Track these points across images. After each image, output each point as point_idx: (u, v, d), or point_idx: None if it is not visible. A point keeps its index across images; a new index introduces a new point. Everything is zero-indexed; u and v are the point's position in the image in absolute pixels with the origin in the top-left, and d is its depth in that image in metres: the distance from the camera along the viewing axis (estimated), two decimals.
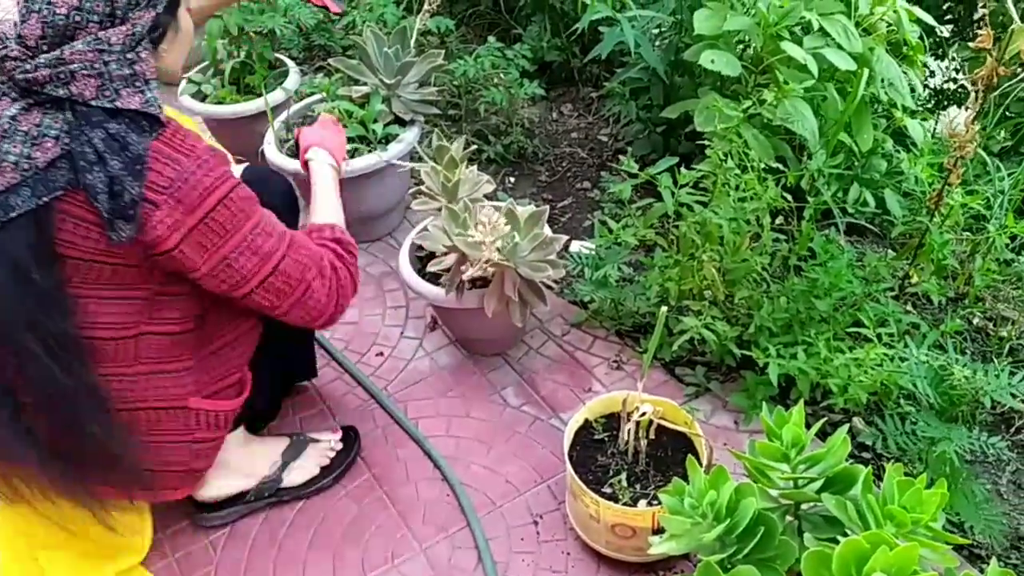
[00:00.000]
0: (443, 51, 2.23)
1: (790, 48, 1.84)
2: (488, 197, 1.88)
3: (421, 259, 1.96)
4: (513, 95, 2.48)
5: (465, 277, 1.58)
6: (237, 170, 1.69)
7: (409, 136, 2.18)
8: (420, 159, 1.92)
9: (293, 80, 2.50)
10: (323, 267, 1.46)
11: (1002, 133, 2.34)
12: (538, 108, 2.86)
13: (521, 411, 1.86)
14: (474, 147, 1.99)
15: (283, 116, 2.30)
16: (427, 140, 2.19)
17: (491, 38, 2.56)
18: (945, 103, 2.58)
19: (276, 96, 2.44)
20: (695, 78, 2.24)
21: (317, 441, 1.80)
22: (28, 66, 1.23)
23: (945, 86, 2.58)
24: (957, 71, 2.59)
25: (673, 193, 1.80)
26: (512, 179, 2.59)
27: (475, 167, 1.89)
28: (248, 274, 1.37)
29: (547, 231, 1.71)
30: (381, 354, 2.03)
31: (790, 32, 1.92)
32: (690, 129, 2.12)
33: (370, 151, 2.15)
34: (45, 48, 1.24)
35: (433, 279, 1.85)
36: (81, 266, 1.30)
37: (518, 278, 1.66)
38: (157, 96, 1.28)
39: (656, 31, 2.28)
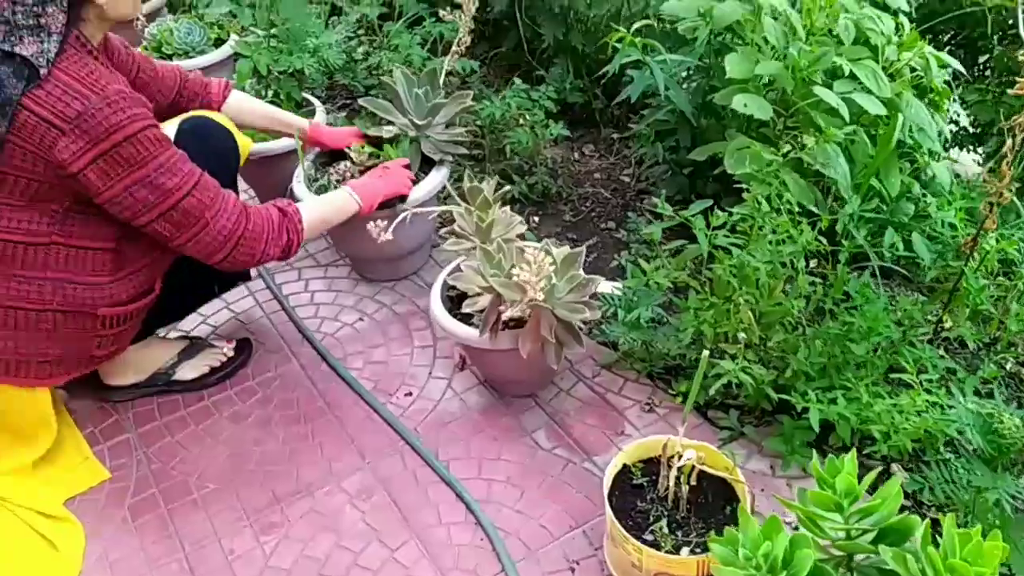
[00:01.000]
0: (471, 92, 2.24)
1: (823, 93, 1.85)
2: (519, 237, 1.88)
3: (452, 299, 1.95)
4: (539, 136, 2.49)
5: (505, 317, 1.57)
6: (172, 123, 1.89)
7: (438, 177, 2.18)
8: (448, 199, 1.93)
9: (320, 119, 2.51)
10: (231, 210, 1.67)
11: None
12: (560, 148, 2.87)
13: (553, 454, 1.84)
14: (502, 188, 1.99)
15: (311, 155, 2.31)
16: (452, 179, 2.21)
17: (516, 79, 2.58)
18: (953, 145, 2.59)
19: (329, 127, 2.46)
20: (721, 120, 2.26)
21: (213, 347, 2.09)
22: None
23: (950, 128, 2.59)
24: (959, 114, 2.60)
25: (707, 235, 1.79)
26: (536, 218, 2.60)
27: (508, 208, 1.89)
28: (147, 206, 1.58)
29: (582, 272, 1.70)
30: (409, 394, 2.02)
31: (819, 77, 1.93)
32: (720, 171, 2.12)
33: None
34: None
35: (464, 319, 1.84)
36: (6, 178, 1.55)
37: (554, 319, 1.65)
38: (54, 50, 1.49)
39: (683, 74, 2.30)
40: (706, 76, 2.16)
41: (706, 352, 1.46)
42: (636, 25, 1.99)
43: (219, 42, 2.98)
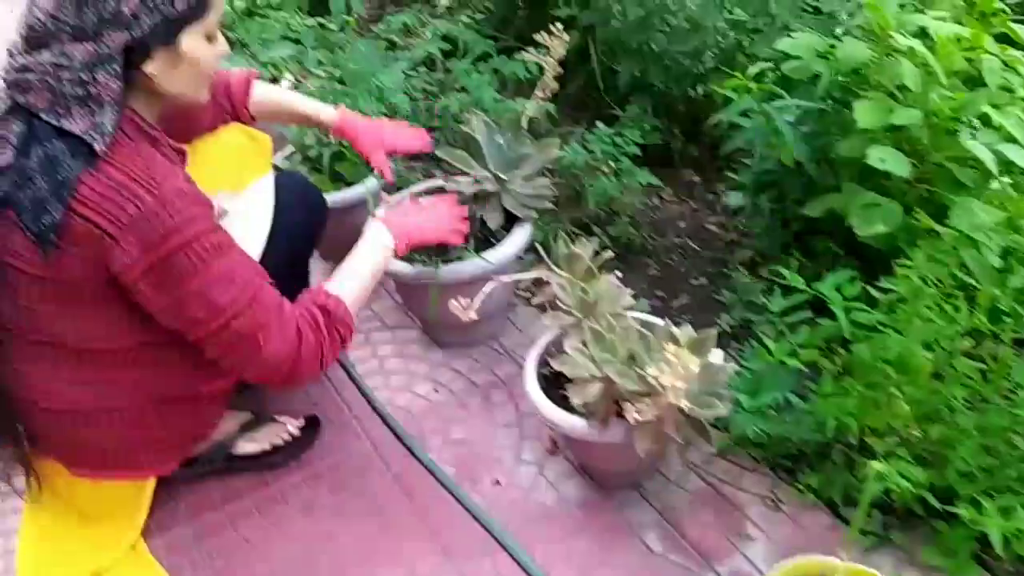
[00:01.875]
0: (556, 140, 2.03)
1: (974, 147, 1.63)
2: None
3: (546, 377, 1.74)
4: (625, 184, 2.28)
5: (632, 419, 1.35)
6: (264, 181, 1.74)
7: (523, 235, 1.98)
8: (533, 255, 1.72)
9: (387, 169, 2.31)
10: (286, 331, 1.43)
11: None
12: (636, 193, 2.65)
13: (668, 560, 1.61)
14: (601, 250, 1.77)
15: (382, 209, 2.10)
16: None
17: (599, 124, 2.37)
18: None
19: (370, 185, 2.26)
20: (834, 169, 2.03)
21: (277, 422, 1.88)
22: (7, 66, 1.27)
23: None
24: None
25: (847, 313, 1.57)
26: (619, 273, 2.37)
27: (613, 276, 1.68)
28: (198, 322, 1.37)
29: (714, 357, 1.48)
30: (498, 483, 1.80)
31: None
32: (843, 229, 1.90)
33: (474, 251, 1.95)
34: (26, 51, 1.26)
35: (557, 394, 1.63)
36: (62, 287, 1.35)
37: (680, 415, 1.43)
38: (111, 123, 1.27)
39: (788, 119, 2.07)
40: (821, 122, 1.94)
41: (874, 469, 1.24)
42: (753, 70, 1.78)
43: (273, 82, 2.81)
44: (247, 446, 1.86)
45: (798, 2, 2.13)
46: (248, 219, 1.69)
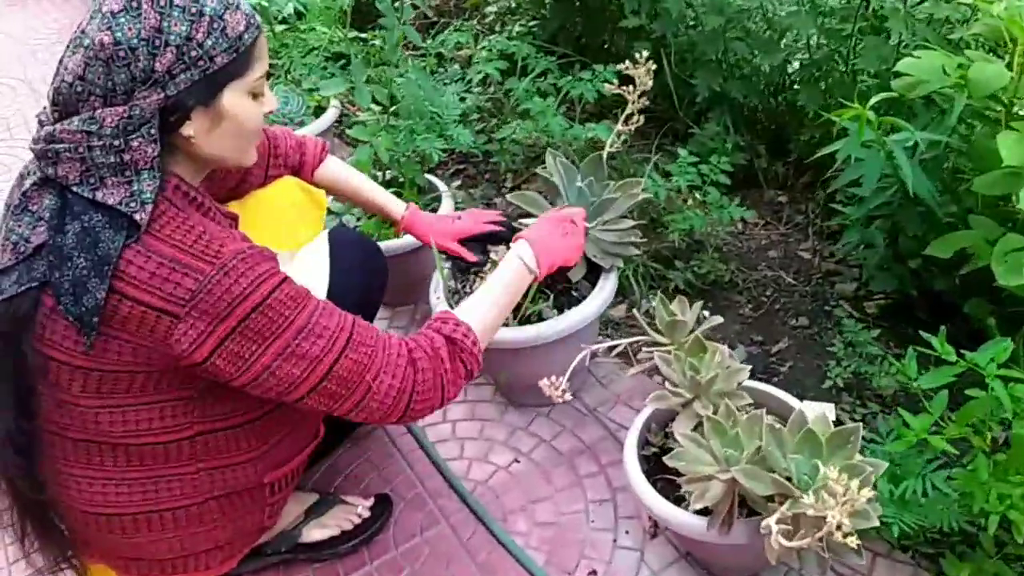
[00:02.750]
0: (640, 181, 1.82)
1: None
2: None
3: (647, 459, 1.54)
4: (718, 219, 2.06)
5: (776, 544, 1.14)
6: (318, 241, 1.60)
7: (609, 288, 1.77)
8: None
9: (447, 207, 2.12)
10: (396, 366, 1.27)
11: None
12: (721, 223, 2.43)
13: None
14: (710, 320, 1.56)
15: (449, 262, 1.91)
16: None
17: (679, 148, 2.15)
18: None
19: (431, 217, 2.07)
20: (959, 202, 1.79)
21: (346, 503, 1.72)
22: (35, 135, 1.15)
23: None
24: None
25: (1007, 387, 1.34)
26: (706, 313, 2.16)
27: (725, 348, 1.47)
28: (296, 380, 1.22)
29: (859, 457, 1.26)
30: (594, 572, 1.61)
31: None
32: (966, 270, 1.67)
33: (554, 306, 1.76)
34: (56, 117, 1.14)
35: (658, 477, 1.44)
36: (106, 377, 1.20)
37: (821, 523, 1.22)
38: (150, 191, 1.13)
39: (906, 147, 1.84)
40: (947, 154, 1.71)
41: None
42: (874, 100, 1.55)
43: (319, 110, 2.63)
44: (315, 532, 1.68)
45: (911, 11, 1.87)
46: (303, 283, 1.52)
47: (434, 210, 2.12)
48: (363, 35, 3.10)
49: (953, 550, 1.53)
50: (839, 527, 0.99)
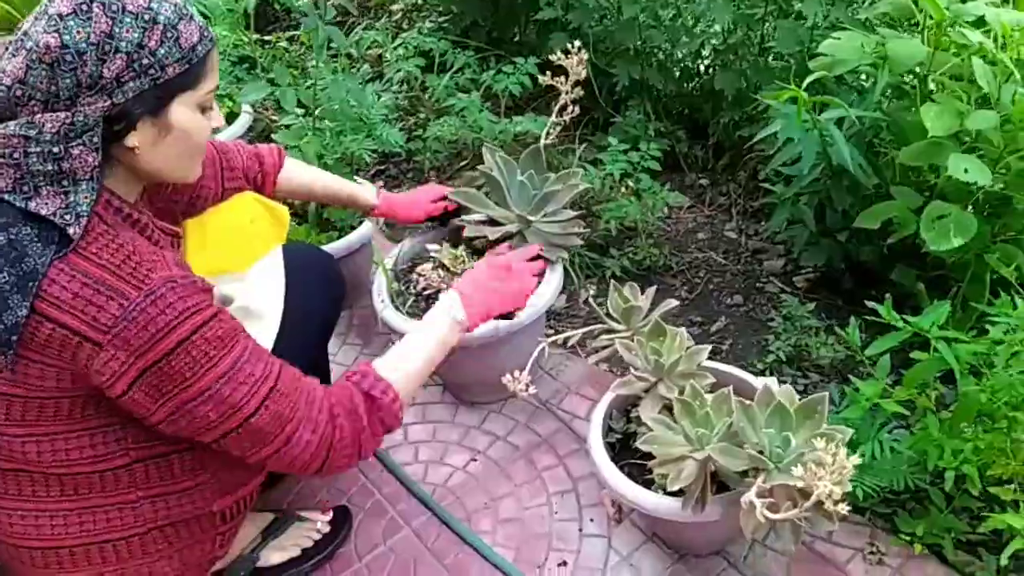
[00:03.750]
0: (579, 171, 1.83)
1: None
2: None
3: (611, 445, 1.55)
4: (651, 206, 2.09)
5: (761, 517, 1.16)
6: (271, 257, 1.49)
7: (556, 280, 1.77)
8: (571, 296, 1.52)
9: None
10: (316, 421, 1.22)
11: None
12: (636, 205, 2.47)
13: None
14: (666, 303, 1.58)
15: (390, 259, 1.88)
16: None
17: (611, 139, 2.17)
18: None
19: (362, 231, 2.03)
20: (881, 175, 1.87)
21: (303, 520, 1.64)
22: None
23: None
24: None
25: (952, 349, 1.41)
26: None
27: (683, 331, 1.49)
28: (212, 424, 1.16)
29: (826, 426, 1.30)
30: (564, 563, 1.61)
31: None
32: (894, 239, 1.75)
33: None
34: None
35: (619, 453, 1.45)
36: (30, 403, 1.13)
37: (795, 494, 1.25)
38: (86, 203, 1.06)
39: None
40: (873, 129, 1.77)
41: (1010, 521, 1.08)
42: (808, 80, 1.59)
43: (230, 116, 2.53)
44: (274, 555, 1.61)
45: None
46: (257, 305, 1.46)
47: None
48: (266, 38, 3.02)
49: (905, 508, 1.60)
50: (830, 495, 1.02)
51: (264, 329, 1.45)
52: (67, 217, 1.06)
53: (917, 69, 1.66)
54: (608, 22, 2.43)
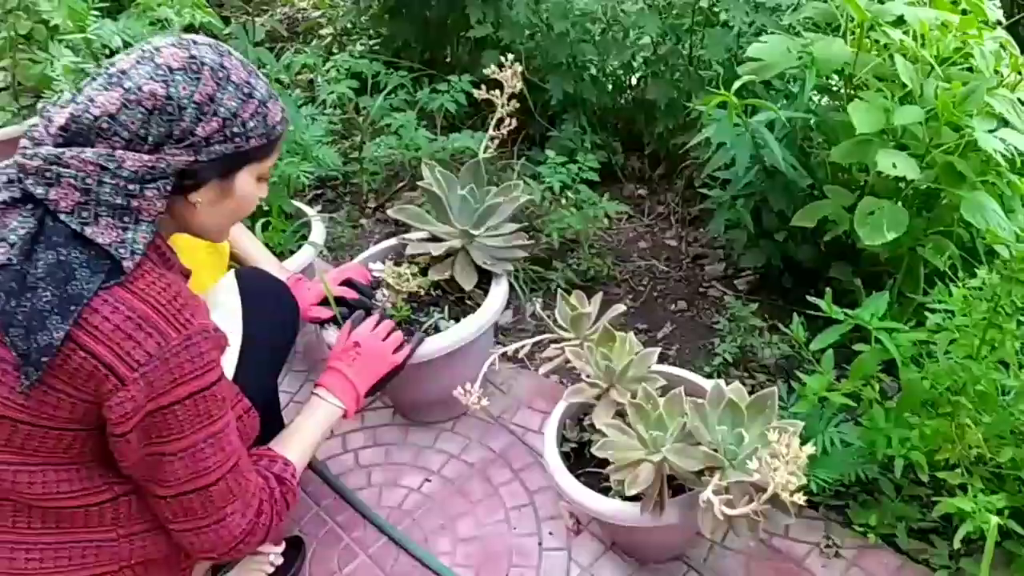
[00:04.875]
0: (520, 184, 1.83)
1: (985, 140, 1.52)
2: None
3: (566, 456, 1.54)
4: (592, 216, 2.10)
5: (720, 513, 1.16)
6: (226, 282, 1.51)
7: (500, 294, 1.76)
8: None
9: (319, 233, 2.05)
10: (249, 504, 1.25)
11: None
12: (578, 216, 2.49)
13: None
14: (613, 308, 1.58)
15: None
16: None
17: (549, 152, 2.18)
18: None
19: (304, 256, 1.99)
20: (813, 174, 1.91)
21: (255, 552, 1.51)
22: (30, 151, 1.07)
23: None
24: None
25: (894, 340, 1.43)
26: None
27: (632, 335, 1.49)
28: (176, 480, 1.16)
29: (776, 419, 1.31)
30: None
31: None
32: (829, 237, 1.78)
33: (449, 317, 1.74)
34: (60, 141, 1.08)
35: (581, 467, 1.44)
36: (34, 432, 1.10)
37: (751, 489, 1.26)
38: (141, 241, 1.08)
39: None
40: (804, 129, 1.82)
41: (994, 521, 1.10)
42: (737, 84, 1.62)
43: None
44: None
45: (747, 2, 1.99)
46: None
47: (304, 237, 2.04)
48: None
49: (856, 500, 1.62)
50: (786, 485, 1.02)
51: (224, 357, 1.42)
52: (122, 250, 1.07)
53: (843, 70, 1.70)
54: (539, 38, 2.45)
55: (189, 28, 2.41)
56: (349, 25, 3.26)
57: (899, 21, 1.67)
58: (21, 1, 2.25)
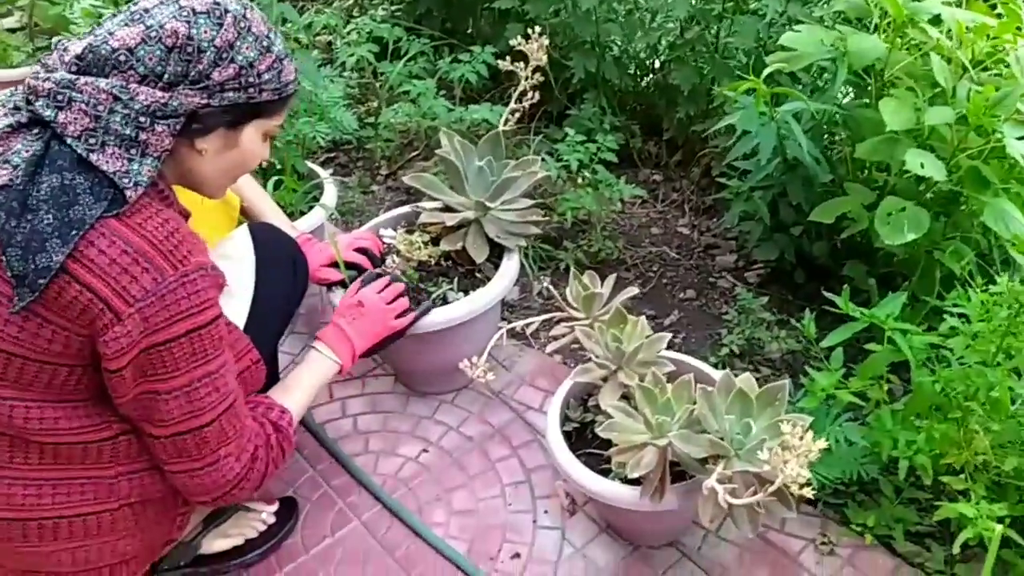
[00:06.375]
0: (537, 159, 1.80)
1: (1013, 146, 1.50)
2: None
3: (567, 435, 1.53)
4: (608, 198, 2.08)
5: (723, 502, 1.15)
6: (239, 236, 1.49)
7: (512, 268, 1.75)
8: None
9: (331, 195, 2.02)
10: (244, 448, 1.25)
11: None
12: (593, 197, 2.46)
13: None
14: (626, 289, 1.56)
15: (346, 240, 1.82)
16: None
17: (568, 130, 2.15)
18: None
19: (315, 218, 1.97)
20: (835, 170, 1.89)
21: (247, 509, 1.60)
22: (43, 75, 1.08)
23: None
24: None
25: (907, 340, 1.42)
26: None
27: (643, 319, 1.48)
28: (171, 419, 1.16)
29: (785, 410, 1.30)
30: (518, 555, 1.58)
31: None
32: (848, 234, 1.77)
33: (459, 289, 1.72)
34: (75, 69, 1.08)
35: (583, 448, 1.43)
36: (29, 366, 1.10)
37: (754, 480, 1.25)
38: (146, 175, 1.08)
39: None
40: (830, 123, 1.79)
41: (998, 529, 1.09)
42: (767, 71, 1.60)
43: None
44: (216, 543, 1.56)
45: None
46: (230, 283, 1.42)
47: (315, 198, 2.02)
48: None
49: (855, 499, 1.62)
50: (796, 478, 1.01)
51: (236, 308, 1.42)
52: (126, 180, 1.07)
53: (874, 65, 1.67)
54: (564, 14, 2.41)
55: None
56: None
57: (935, 20, 1.65)
58: None
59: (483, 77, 2.26)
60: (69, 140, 1.06)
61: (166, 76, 1.08)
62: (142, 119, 1.07)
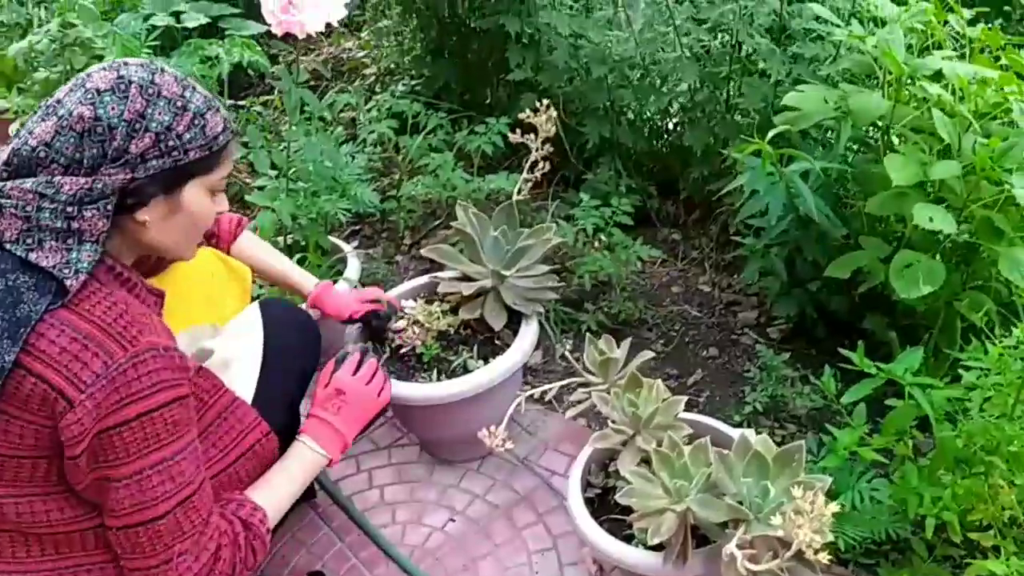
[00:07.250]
0: (552, 226, 1.84)
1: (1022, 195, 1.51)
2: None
3: (590, 501, 1.53)
4: (625, 260, 2.10)
5: (743, 570, 1.15)
6: (249, 312, 1.50)
7: (530, 335, 1.77)
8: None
9: (354, 269, 2.08)
10: (204, 547, 1.18)
11: None
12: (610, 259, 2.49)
13: None
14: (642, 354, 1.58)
15: (354, 331, 1.85)
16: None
17: (583, 195, 2.19)
18: None
19: (347, 277, 2.02)
20: (848, 225, 1.90)
21: None
22: None
23: None
24: None
25: (928, 397, 1.41)
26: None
27: (660, 382, 1.49)
28: (120, 510, 1.13)
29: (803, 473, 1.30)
30: None
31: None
32: (865, 289, 1.77)
33: (478, 356, 1.75)
34: (4, 175, 1.10)
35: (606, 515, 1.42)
36: (8, 462, 1.10)
37: (776, 544, 1.24)
38: (86, 260, 1.09)
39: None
40: (839, 180, 1.81)
41: (992, 568, 1.07)
42: (772, 132, 1.63)
43: None
44: None
45: (785, 53, 2.00)
46: (236, 357, 1.45)
47: (339, 272, 2.08)
48: (240, 103, 3.05)
49: (887, 558, 1.59)
50: (810, 544, 1.01)
51: (244, 382, 1.44)
52: (66, 271, 1.08)
53: (879, 122, 1.70)
54: (578, 82, 2.47)
55: (237, 66, 2.49)
56: (392, 66, 3.33)
57: (937, 75, 1.67)
58: (77, 37, 2.33)
59: (499, 147, 2.32)
60: (8, 246, 1.08)
61: (86, 161, 1.09)
62: (70, 208, 1.08)
